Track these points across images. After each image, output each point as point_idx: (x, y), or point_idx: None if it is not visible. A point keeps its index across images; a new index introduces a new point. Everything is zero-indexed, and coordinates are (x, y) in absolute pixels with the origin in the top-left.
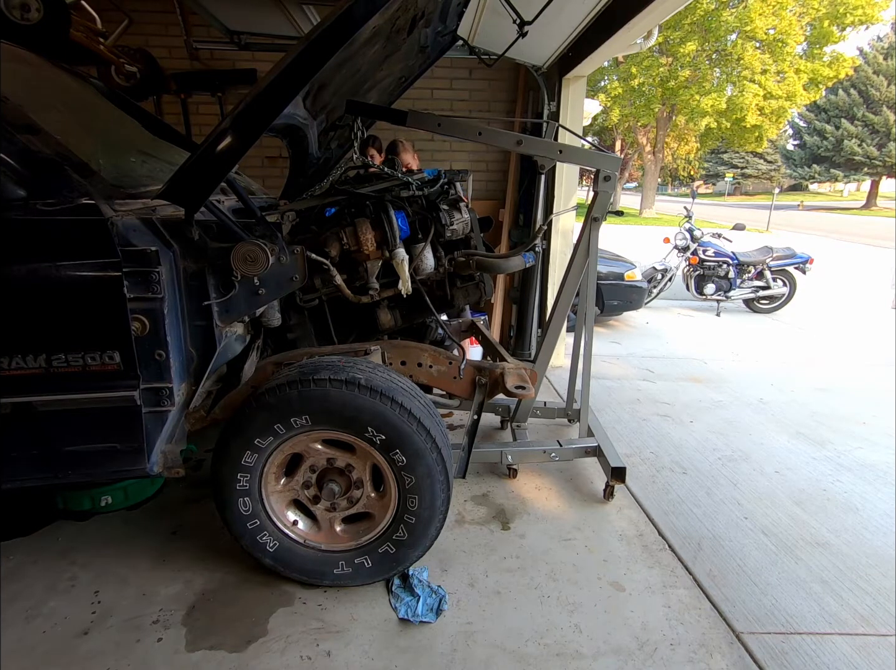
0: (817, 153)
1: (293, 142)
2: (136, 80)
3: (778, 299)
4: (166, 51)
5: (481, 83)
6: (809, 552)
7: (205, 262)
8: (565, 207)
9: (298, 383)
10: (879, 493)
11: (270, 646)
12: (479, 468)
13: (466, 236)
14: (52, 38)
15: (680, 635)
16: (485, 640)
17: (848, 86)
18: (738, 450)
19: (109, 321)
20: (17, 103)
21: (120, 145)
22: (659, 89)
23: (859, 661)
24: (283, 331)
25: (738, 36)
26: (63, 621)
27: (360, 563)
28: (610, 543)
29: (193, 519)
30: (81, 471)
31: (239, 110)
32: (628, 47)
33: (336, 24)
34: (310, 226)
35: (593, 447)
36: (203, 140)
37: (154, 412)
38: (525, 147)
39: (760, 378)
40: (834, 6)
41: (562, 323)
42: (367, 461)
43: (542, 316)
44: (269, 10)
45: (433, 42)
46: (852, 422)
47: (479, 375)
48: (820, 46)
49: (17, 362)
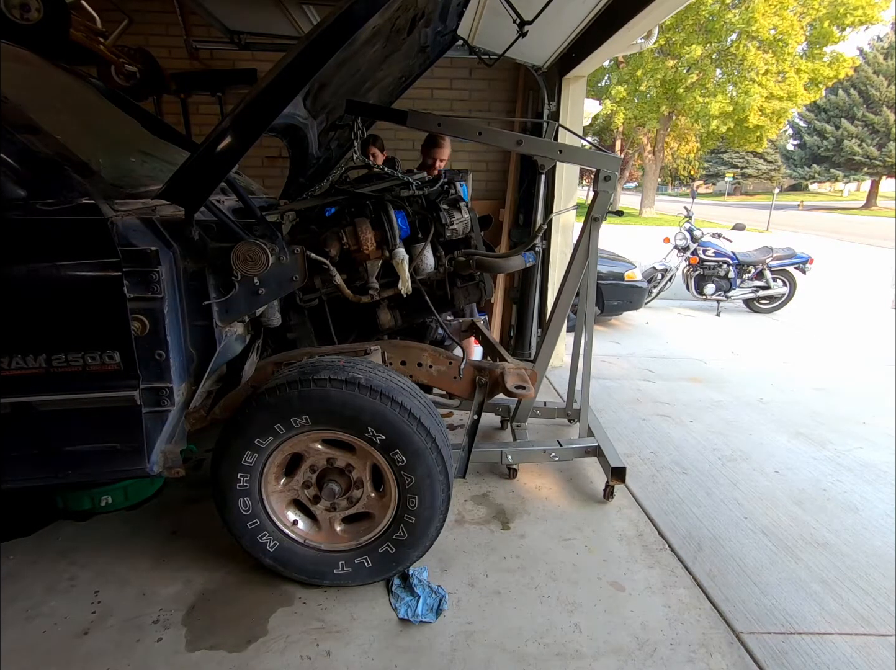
0: (817, 153)
1: (293, 142)
2: (136, 80)
3: (778, 299)
4: (166, 51)
5: (481, 83)
6: (809, 552)
7: (205, 262)
8: (565, 207)
9: (298, 383)
10: (879, 493)
11: (270, 646)
12: (479, 468)
13: (466, 236)
14: (52, 38)
15: (680, 635)
16: (485, 640)
17: (848, 86)
18: (738, 450)
19: (109, 321)
20: (17, 103)
21: (120, 145)
22: (661, 89)
23: (859, 661)
24: (283, 331)
25: (741, 36)
26: (63, 621)
27: (360, 563)
28: (610, 543)
29: (193, 519)
30: (81, 471)
31: (239, 110)
32: (628, 47)
33: (336, 24)
34: (310, 226)
35: (593, 447)
36: (203, 140)
37: (154, 412)
38: (525, 147)
39: (760, 378)
40: (834, 6)
41: (562, 323)
42: (367, 461)
43: (542, 316)
44: (269, 10)
45: (433, 42)
46: (852, 422)
47: (479, 375)
48: (820, 46)
49: (17, 362)
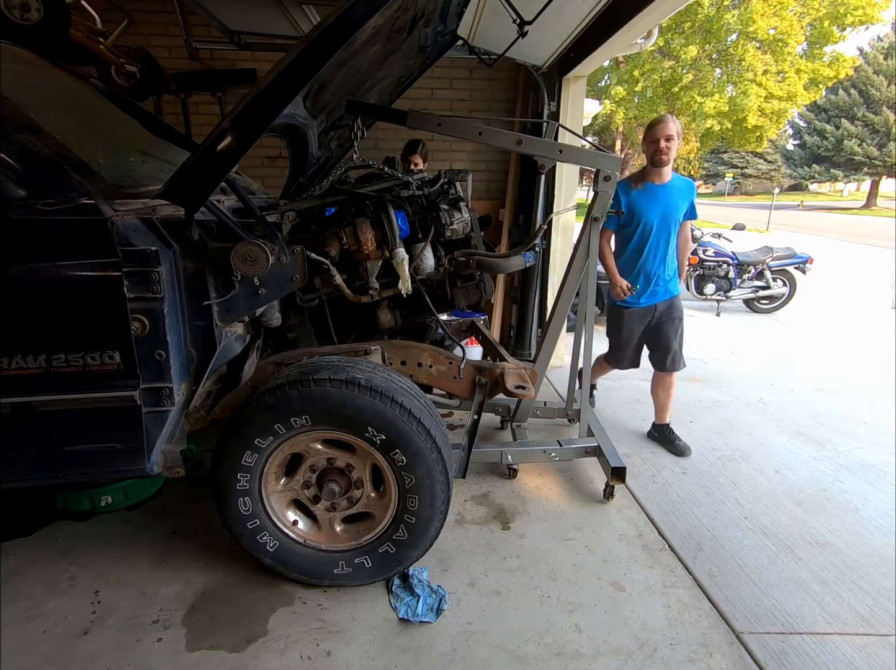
0: (817, 153)
1: (293, 142)
2: (136, 80)
3: (778, 299)
4: (166, 51)
5: (481, 83)
6: (809, 552)
7: (205, 262)
8: (565, 207)
9: (298, 383)
10: (879, 493)
11: (270, 646)
12: (479, 468)
13: (466, 236)
14: (52, 38)
15: (680, 635)
16: (485, 640)
17: (848, 86)
18: (738, 450)
19: (109, 321)
20: (17, 103)
21: (120, 145)
22: (660, 89)
23: (859, 661)
24: (283, 331)
25: (740, 37)
26: (63, 621)
27: (360, 563)
28: (610, 543)
29: (193, 519)
30: (81, 471)
31: (239, 110)
32: (628, 47)
33: (336, 24)
34: (310, 226)
35: (593, 447)
36: (203, 140)
37: (154, 412)
38: (525, 147)
39: (760, 378)
40: (834, 6)
41: (562, 323)
42: (367, 461)
43: (542, 315)
44: (269, 10)
45: (433, 42)
46: (852, 422)
47: (479, 375)
48: (820, 46)
49: (18, 362)
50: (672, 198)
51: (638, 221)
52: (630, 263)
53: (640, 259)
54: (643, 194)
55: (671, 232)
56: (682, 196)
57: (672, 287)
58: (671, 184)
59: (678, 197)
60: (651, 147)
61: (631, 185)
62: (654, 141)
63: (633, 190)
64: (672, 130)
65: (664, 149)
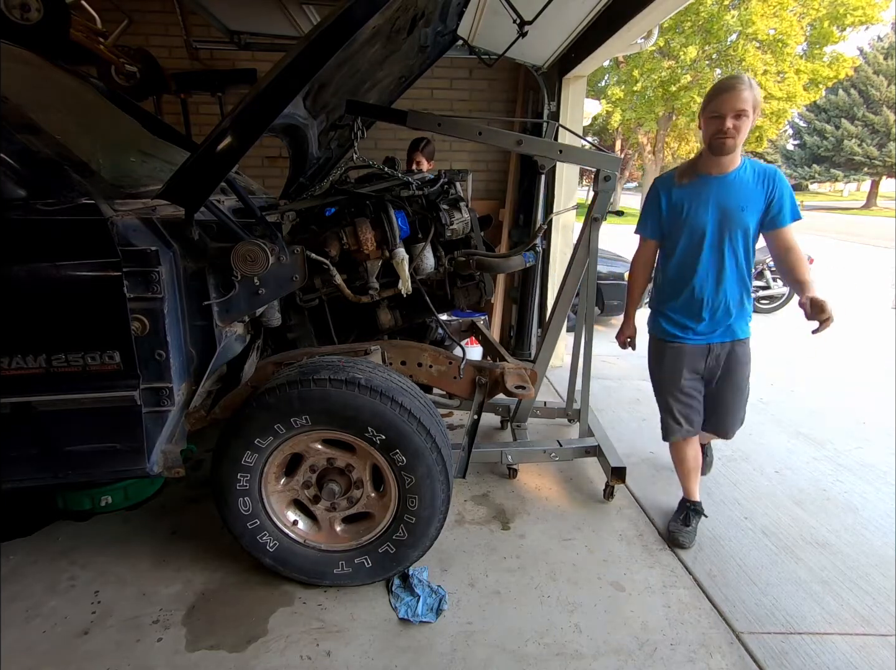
0: (817, 153)
1: (293, 142)
2: (136, 80)
3: (778, 299)
4: (166, 51)
5: (481, 83)
6: (809, 552)
7: (205, 262)
8: (565, 207)
9: (298, 383)
10: (879, 493)
11: (270, 646)
12: (479, 468)
13: (467, 236)
14: (52, 38)
15: (680, 635)
16: (485, 640)
17: (848, 86)
18: (738, 450)
19: (109, 321)
20: (17, 103)
21: (120, 145)
22: (660, 90)
23: (859, 661)
24: (283, 331)
25: (739, 37)
26: (63, 621)
27: (360, 563)
28: (610, 543)
29: (193, 519)
30: (81, 471)
31: (239, 110)
32: (628, 47)
33: (336, 24)
34: (310, 226)
35: (593, 447)
36: (203, 140)
37: (154, 412)
38: (525, 147)
39: (760, 378)
40: (834, 6)
41: (562, 323)
42: (367, 461)
43: (542, 316)
44: (269, 10)
45: (433, 42)
46: (852, 421)
47: (479, 375)
48: (820, 47)
49: (18, 362)
50: (739, 193)
51: (682, 227)
52: (674, 286)
53: (688, 279)
54: (693, 190)
55: (738, 242)
56: (757, 190)
57: (738, 326)
58: (737, 175)
59: (750, 192)
60: (711, 126)
61: (675, 181)
62: (717, 117)
63: (677, 187)
64: (745, 102)
65: (730, 130)
